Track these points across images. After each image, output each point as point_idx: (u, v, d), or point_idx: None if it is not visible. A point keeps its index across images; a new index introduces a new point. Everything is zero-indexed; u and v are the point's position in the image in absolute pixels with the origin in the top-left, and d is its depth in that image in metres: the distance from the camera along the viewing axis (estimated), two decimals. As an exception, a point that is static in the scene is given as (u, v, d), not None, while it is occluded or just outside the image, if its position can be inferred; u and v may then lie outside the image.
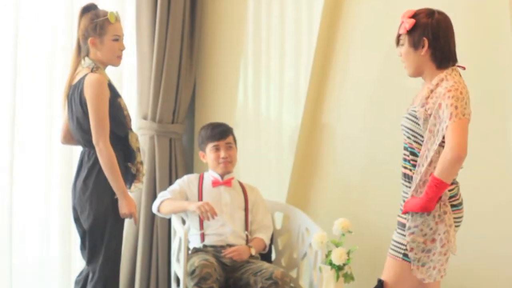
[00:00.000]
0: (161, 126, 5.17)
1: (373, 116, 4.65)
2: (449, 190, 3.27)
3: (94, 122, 3.78)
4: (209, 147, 4.61)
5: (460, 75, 3.35)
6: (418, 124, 3.30)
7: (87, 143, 3.88)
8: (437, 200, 3.22)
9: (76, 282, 4.02)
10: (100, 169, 3.82)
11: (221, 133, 4.61)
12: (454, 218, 3.31)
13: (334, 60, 4.82)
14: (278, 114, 5.16)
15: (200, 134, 4.70)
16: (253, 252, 4.47)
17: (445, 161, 3.16)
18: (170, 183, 5.03)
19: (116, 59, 3.95)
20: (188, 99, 5.34)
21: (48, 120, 4.81)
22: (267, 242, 4.59)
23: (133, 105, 5.15)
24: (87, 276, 3.93)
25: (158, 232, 5.12)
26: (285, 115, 5.12)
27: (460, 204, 3.36)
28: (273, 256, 4.77)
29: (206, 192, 4.58)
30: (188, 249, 4.46)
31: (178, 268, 4.45)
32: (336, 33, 4.80)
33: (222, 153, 4.58)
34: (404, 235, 3.29)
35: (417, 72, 3.41)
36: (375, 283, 3.37)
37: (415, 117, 3.32)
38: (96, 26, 3.87)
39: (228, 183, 4.63)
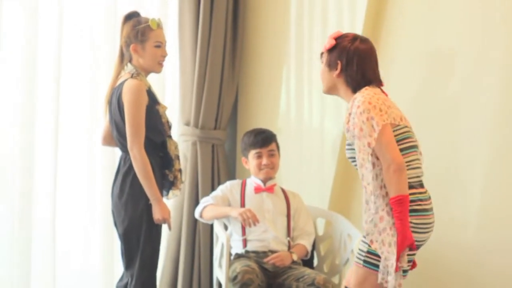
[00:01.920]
0: (204, 132, 5.18)
1: (415, 122, 4.61)
2: (420, 193, 3.32)
3: (130, 128, 3.81)
4: (252, 153, 4.62)
5: (378, 90, 3.38)
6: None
7: (124, 148, 3.91)
8: (408, 220, 3.22)
9: (117, 287, 4.06)
10: (135, 175, 3.84)
11: (263, 140, 4.60)
12: (425, 223, 3.33)
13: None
14: (320, 120, 5.15)
15: (243, 140, 4.69)
16: (295, 258, 4.46)
17: (391, 178, 3.21)
18: (213, 189, 5.04)
19: (157, 66, 3.97)
20: (230, 105, 5.36)
21: (91, 126, 4.85)
22: (309, 248, 4.58)
23: (175, 112, 5.19)
24: (127, 282, 3.97)
25: (200, 237, 5.13)
26: (327, 122, 5.11)
27: (431, 209, 3.37)
28: (315, 262, 4.76)
29: (248, 199, 4.58)
30: (230, 254, 4.46)
31: (220, 274, 4.45)
32: (378, 40, 4.77)
33: (264, 160, 4.58)
34: (366, 243, 3.34)
35: (330, 91, 3.52)
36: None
37: (350, 145, 3.39)
38: (138, 32, 3.90)
39: (270, 189, 4.62)
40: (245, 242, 4.50)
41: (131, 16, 3.98)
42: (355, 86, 3.39)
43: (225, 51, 5.25)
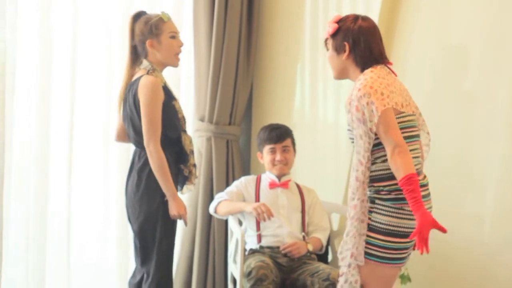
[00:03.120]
0: (218, 128, 5.19)
1: (429, 117, 4.61)
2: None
3: (146, 124, 3.82)
4: (266, 149, 4.62)
5: (382, 70, 3.36)
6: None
7: (139, 144, 3.92)
8: (419, 195, 3.19)
9: (130, 284, 4.06)
10: (150, 171, 3.85)
11: (278, 136, 4.60)
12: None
13: (392, 61, 4.79)
14: (335, 116, 5.14)
15: (259, 135, 4.69)
16: (310, 248, 4.46)
17: (397, 160, 3.20)
18: (227, 184, 5.05)
19: (174, 58, 3.98)
20: (245, 101, 5.36)
21: (105, 122, 4.86)
22: (324, 242, 4.58)
23: (190, 107, 5.20)
24: (141, 279, 3.97)
25: (215, 233, 5.14)
26: (342, 117, 5.09)
27: (427, 195, 3.37)
28: (330, 257, 4.75)
29: (263, 194, 4.58)
30: (245, 250, 4.46)
31: (234, 269, 4.45)
32: (393, 35, 4.76)
33: (278, 156, 4.58)
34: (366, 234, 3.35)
35: (341, 75, 3.50)
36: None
37: (349, 125, 3.40)
38: (152, 27, 3.92)
39: (285, 185, 4.62)
40: (259, 238, 4.50)
41: (140, 15, 4.00)
42: (363, 65, 3.40)
43: (239, 47, 5.25)
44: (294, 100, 5.32)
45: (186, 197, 4.83)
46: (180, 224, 4.07)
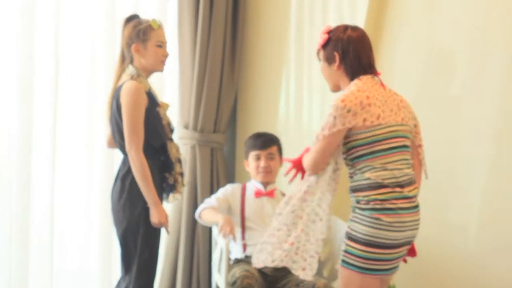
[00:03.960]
0: (203, 136, 5.17)
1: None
2: (394, 192, 3.33)
3: (127, 130, 3.80)
4: (251, 155, 4.62)
5: (368, 82, 3.41)
6: None
7: (123, 150, 3.90)
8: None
9: None
10: (133, 177, 3.84)
11: (263, 142, 4.60)
12: (400, 222, 3.31)
13: (377, 67, 4.77)
14: (320, 123, 5.09)
15: (246, 142, 4.70)
16: None
17: (306, 166, 3.46)
18: (211, 192, 5.03)
19: (159, 65, 3.97)
20: (229, 108, 5.34)
21: (89, 127, 4.87)
22: None
23: (174, 114, 5.18)
24: (126, 287, 3.94)
25: (199, 242, 5.12)
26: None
27: (409, 208, 3.36)
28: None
29: (248, 203, 4.57)
30: (229, 259, 4.43)
31: (219, 278, 4.43)
32: (379, 41, 4.76)
33: (262, 163, 4.58)
34: (344, 242, 3.40)
35: (335, 86, 3.56)
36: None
37: None
38: (139, 32, 3.90)
39: (271, 194, 4.61)
40: (244, 247, 4.48)
41: (132, 18, 3.99)
42: (352, 75, 3.44)
43: (224, 54, 5.24)
44: (279, 107, 5.32)
45: (170, 206, 4.80)
46: (164, 232, 4.03)
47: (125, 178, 3.88)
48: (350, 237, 3.34)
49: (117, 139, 3.93)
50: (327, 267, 4.67)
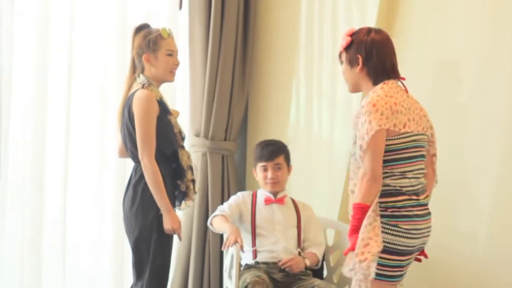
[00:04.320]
0: (214, 143, 5.19)
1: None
2: (411, 200, 3.34)
3: (140, 138, 3.83)
4: (258, 166, 4.59)
5: (394, 87, 3.39)
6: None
7: (135, 158, 3.93)
8: (359, 225, 3.28)
9: None
10: (145, 185, 3.86)
11: (269, 153, 4.55)
12: (416, 229, 3.34)
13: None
14: (330, 131, 5.15)
15: (253, 152, 4.68)
16: (308, 263, 4.43)
17: (362, 186, 3.28)
18: (222, 199, 5.05)
19: (170, 75, 4.00)
20: (240, 116, 5.36)
21: (101, 135, 4.89)
22: (320, 257, 4.56)
23: (185, 123, 5.19)
24: None
25: (210, 248, 5.13)
26: (337, 133, 5.11)
27: (425, 215, 3.40)
28: (325, 273, 4.74)
29: (259, 210, 4.56)
30: (240, 265, 4.45)
31: (230, 284, 4.44)
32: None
33: (269, 174, 4.54)
34: None
35: (355, 89, 3.53)
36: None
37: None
38: (150, 42, 3.93)
39: (280, 201, 4.59)
40: (255, 253, 4.48)
41: (142, 28, 4.02)
42: (375, 78, 3.41)
43: (235, 63, 5.25)
44: (289, 115, 5.33)
45: (181, 213, 4.83)
46: (175, 239, 4.07)
47: (137, 186, 3.92)
48: None
49: (129, 147, 3.96)
50: (336, 273, 4.69)
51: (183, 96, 5.29)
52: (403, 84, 3.48)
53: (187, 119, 5.24)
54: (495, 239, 4.27)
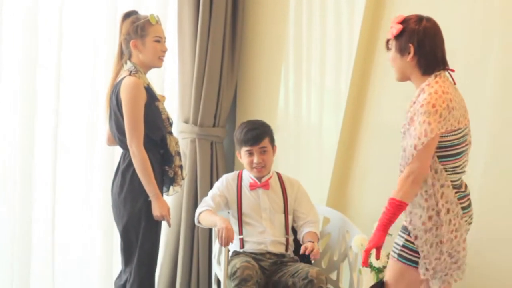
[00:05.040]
0: (203, 130, 5.20)
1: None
2: (461, 192, 3.37)
3: (128, 125, 3.84)
4: (243, 150, 4.52)
5: (446, 80, 3.36)
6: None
7: (123, 145, 3.94)
8: (392, 222, 3.31)
9: (116, 285, 4.08)
10: (134, 171, 3.87)
11: (255, 137, 4.47)
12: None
13: (375, 63, 4.82)
14: (319, 117, 5.17)
15: (236, 134, 4.59)
16: (319, 248, 4.42)
17: (405, 184, 3.29)
18: (211, 186, 5.03)
19: (157, 61, 4.00)
20: (229, 102, 5.37)
21: (90, 123, 4.87)
22: (319, 234, 4.52)
23: (174, 109, 5.20)
24: (127, 280, 3.99)
25: (199, 234, 5.15)
26: (325, 119, 5.12)
27: (467, 207, 3.44)
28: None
29: (245, 196, 4.53)
30: (228, 250, 4.46)
31: (218, 270, 4.47)
32: (377, 37, 4.79)
33: (255, 159, 4.48)
34: (402, 237, 3.41)
35: (404, 77, 3.46)
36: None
37: (402, 129, 3.40)
38: (137, 28, 3.93)
39: (266, 186, 4.54)
40: (242, 242, 4.47)
41: (130, 14, 4.02)
42: (426, 68, 3.36)
43: (224, 49, 5.26)
44: (278, 101, 5.34)
45: (170, 199, 4.84)
46: (164, 225, 4.08)
47: (125, 173, 3.93)
48: (410, 233, 3.38)
49: (117, 134, 3.97)
50: (325, 259, 4.71)
51: (172, 83, 5.28)
52: (451, 76, 3.44)
53: (176, 105, 5.24)
54: (483, 224, 4.29)
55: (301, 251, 4.31)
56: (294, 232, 4.59)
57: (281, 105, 5.34)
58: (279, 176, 4.65)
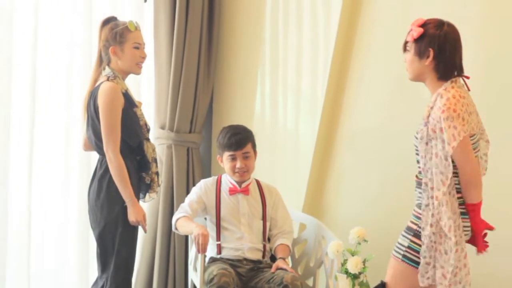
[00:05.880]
0: (179, 136, 5.20)
1: (390, 125, 4.65)
2: (459, 198, 3.36)
3: (104, 130, 3.84)
4: (226, 155, 4.52)
5: (461, 86, 3.37)
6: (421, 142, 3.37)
7: (100, 151, 3.94)
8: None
9: None
10: (111, 177, 3.88)
11: (238, 142, 4.48)
12: (464, 227, 3.38)
13: (351, 68, 4.84)
14: (295, 123, 5.17)
15: (218, 138, 4.58)
16: (288, 262, 4.48)
17: (472, 190, 3.34)
18: (187, 192, 5.05)
19: (136, 67, 4.01)
20: (205, 108, 5.37)
21: (67, 128, 4.85)
22: (291, 247, 4.55)
23: (151, 115, 5.19)
24: (103, 286, 3.97)
25: (175, 240, 5.14)
26: (302, 124, 5.13)
27: (462, 214, 3.41)
28: (290, 264, 4.76)
29: (223, 201, 4.53)
30: (205, 257, 4.45)
31: (195, 276, 4.46)
32: (353, 42, 4.81)
33: (238, 164, 4.48)
34: (407, 238, 3.41)
35: (418, 79, 3.46)
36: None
37: (418, 134, 3.39)
38: (116, 34, 3.93)
39: (246, 191, 4.55)
40: (219, 248, 4.47)
41: (109, 20, 4.02)
42: (443, 73, 3.36)
43: (200, 55, 5.26)
44: (254, 107, 5.35)
45: (146, 205, 4.83)
46: (140, 231, 4.07)
47: (102, 179, 3.92)
48: (416, 234, 3.38)
49: (94, 139, 3.96)
50: (301, 265, 4.71)
51: (148, 89, 5.27)
52: (465, 83, 3.44)
53: (152, 111, 5.24)
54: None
55: (273, 269, 4.34)
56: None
57: (257, 110, 5.34)
58: (258, 183, 4.67)
